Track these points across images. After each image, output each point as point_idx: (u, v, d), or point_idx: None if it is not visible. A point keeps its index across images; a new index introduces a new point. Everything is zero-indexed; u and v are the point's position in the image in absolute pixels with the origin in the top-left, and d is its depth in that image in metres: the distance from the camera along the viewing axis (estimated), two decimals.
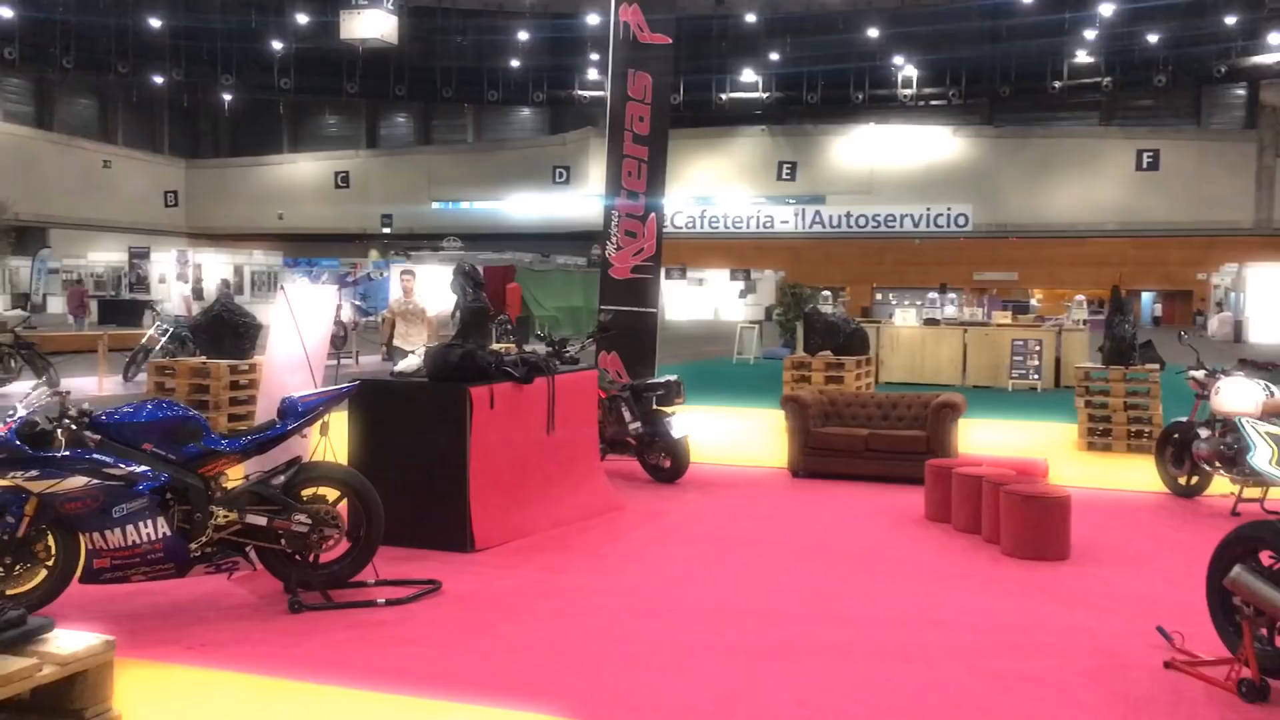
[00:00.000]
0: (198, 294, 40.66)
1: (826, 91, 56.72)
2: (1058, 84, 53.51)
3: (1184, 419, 9.56)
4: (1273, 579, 4.91)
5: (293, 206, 65.63)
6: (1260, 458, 4.97)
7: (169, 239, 60.12)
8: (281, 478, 6.03)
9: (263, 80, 59.59)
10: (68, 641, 3.87)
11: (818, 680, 5.09)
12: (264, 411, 6.90)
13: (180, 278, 39.16)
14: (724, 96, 58.28)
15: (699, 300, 55.56)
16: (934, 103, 57.86)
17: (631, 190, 11.57)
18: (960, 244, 56.34)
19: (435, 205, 64.36)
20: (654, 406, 10.15)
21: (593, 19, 50.53)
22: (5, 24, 50.78)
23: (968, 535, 8.06)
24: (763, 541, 7.91)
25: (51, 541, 5.71)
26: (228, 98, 65.28)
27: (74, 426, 5.64)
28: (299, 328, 6.38)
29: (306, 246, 61.22)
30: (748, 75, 57.68)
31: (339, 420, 6.77)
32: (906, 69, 56.45)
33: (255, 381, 11.05)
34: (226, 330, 11.04)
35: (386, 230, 62.50)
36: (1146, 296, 52.16)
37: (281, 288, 6.49)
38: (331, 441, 6.66)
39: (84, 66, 56.11)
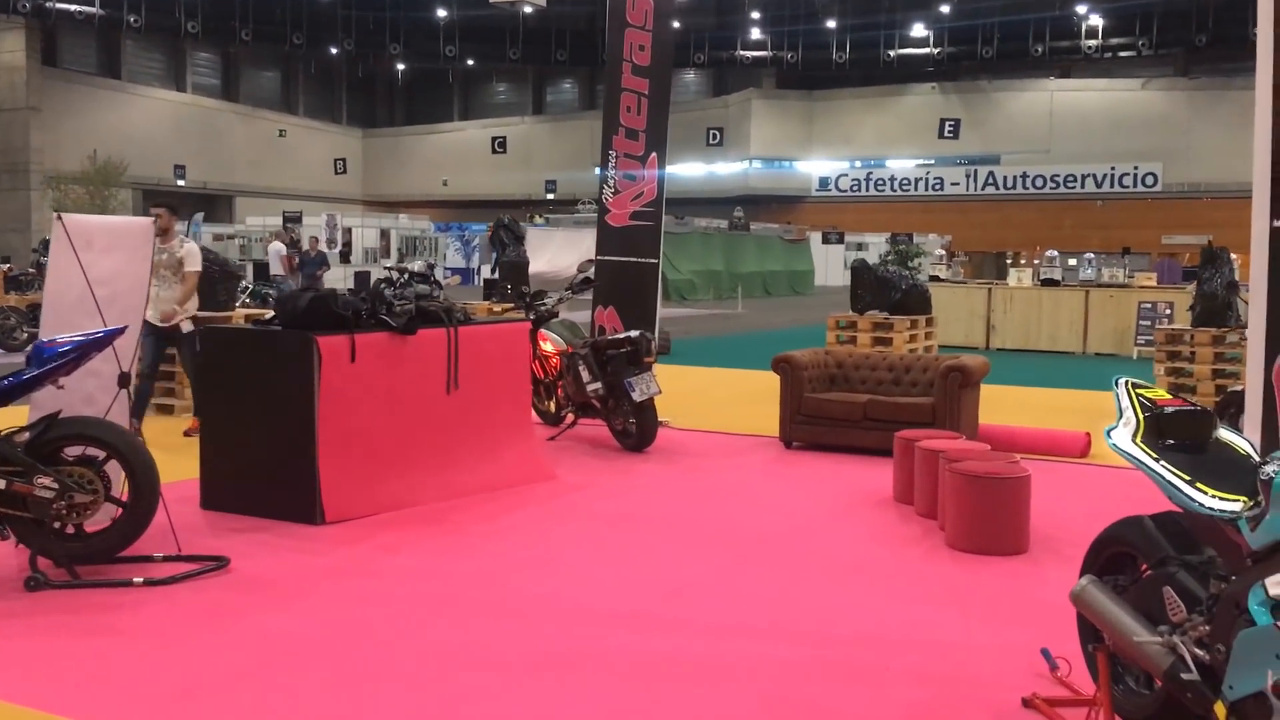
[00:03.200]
0: (345, 257, 41.34)
1: (1003, 45, 53.47)
2: None
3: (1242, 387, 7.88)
4: (1138, 595, 3.55)
5: (461, 173, 66.45)
6: (1121, 434, 3.60)
7: (345, 206, 61.69)
8: (28, 434, 5.28)
9: (429, 49, 60.22)
10: None
11: (557, 698, 4.01)
12: None
13: (329, 242, 39.78)
14: (892, 53, 55.64)
15: None
16: (1122, 54, 53.77)
17: (630, 128, 10.43)
18: (1148, 205, 52.41)
19: (598, 171, 63.95)
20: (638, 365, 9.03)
21: None
22: None
23: (925, 521, 6.74)
24: (674, 521, 6.77)
25: None
26: (400, 67, 66.55)
27: None
28: (81, 263, 5.60)
29: (472, 212, 61.84)
30: (918, 30, 54.91)
31: None
32: (1091, 18, 52.65)
33: None
34: (204, 281, 10.47)
35: (550, 196, 62.49)
36: None
37: (57, 216, 5.71)
38: (130, 393, 5.92)
39: (262, 39, 57.88)
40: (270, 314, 7.10)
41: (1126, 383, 3.77)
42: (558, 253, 35.63)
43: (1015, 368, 15.58)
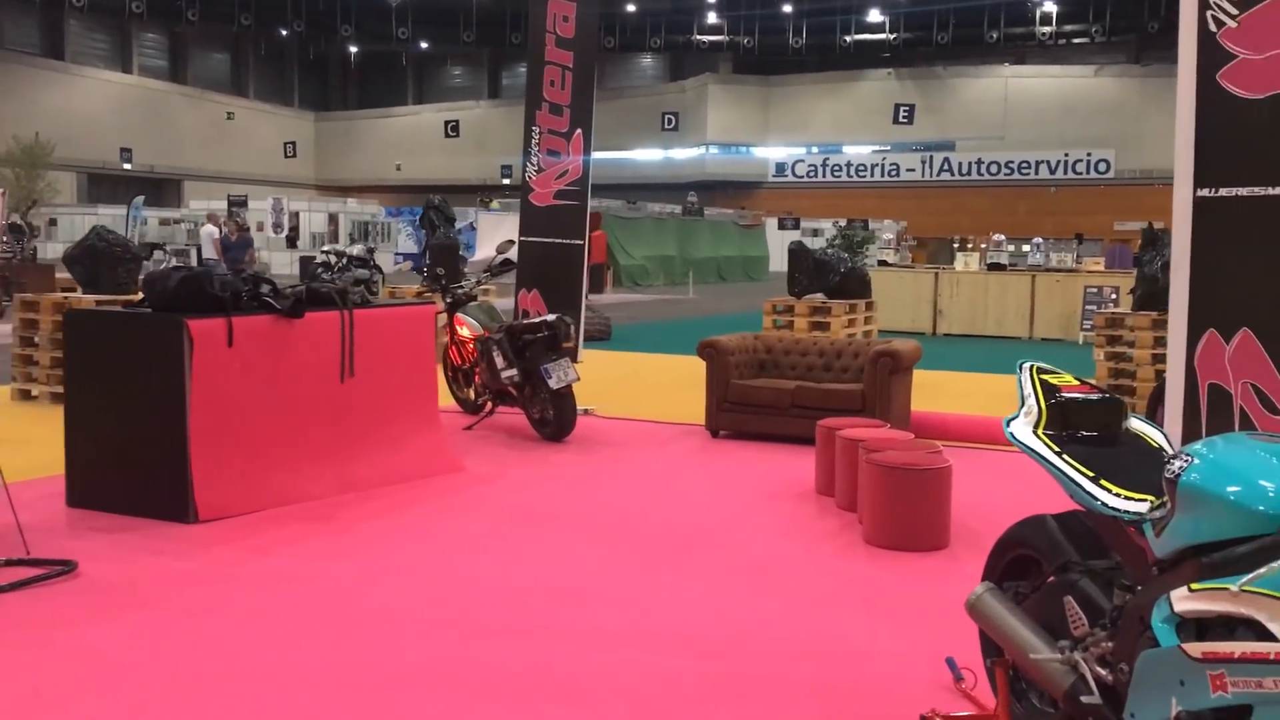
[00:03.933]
0: (291, 242, 40.59)
1: (958, 31, 53.43)
2: None
3: None
4: (1038, 604, 3.17)
5: (415, 157, 65.56)
6: (1021, 425, 3.22)
7: (297, 190, 60.64)
8: None
9: (382, 31, 59.32)
10: None
11: None
12: None
13: (275, 226, 39.04)
14: (849, 39, 55.47)
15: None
16: (1075, 41, 53.97)
17: (554, 103, 9.99)
18: (1101, 192, 52.57)
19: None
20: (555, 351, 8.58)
21: None
22: None
23: (845, 515, 6.37)
24: (579, 517, 6.35)
25: None
26: (352, 50, 65.47)
27: None
28: None
29: (426, 196, 60.99)
30: (874, 15, 54.68)
31: None
32: (1045, 5, 52.69)
33: None
34: (102, 261, 9.97)
35: (506, 181, 61.79)
36: None
37: None
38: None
39: (210, 19, 56.70)
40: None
41: (1031, 368, 3.40)
42: (508, 237, 35.18)
43: (960, 353, 15.32)
